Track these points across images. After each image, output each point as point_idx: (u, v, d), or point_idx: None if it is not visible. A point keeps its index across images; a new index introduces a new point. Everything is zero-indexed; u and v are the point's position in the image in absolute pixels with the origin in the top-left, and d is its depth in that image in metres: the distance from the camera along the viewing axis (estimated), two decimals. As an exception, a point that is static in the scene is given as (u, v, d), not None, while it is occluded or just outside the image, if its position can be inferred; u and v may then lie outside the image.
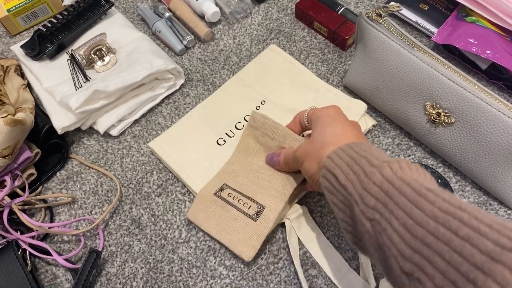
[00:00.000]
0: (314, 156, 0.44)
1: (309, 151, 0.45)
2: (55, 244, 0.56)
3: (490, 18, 0.63)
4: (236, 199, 0.52)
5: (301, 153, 0.47)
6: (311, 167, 0.45)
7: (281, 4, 0.76)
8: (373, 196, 0.34)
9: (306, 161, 0.45)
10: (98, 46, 0.66)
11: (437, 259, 0.27)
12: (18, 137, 0.54)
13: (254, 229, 0.50)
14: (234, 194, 0.53)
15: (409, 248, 0.29)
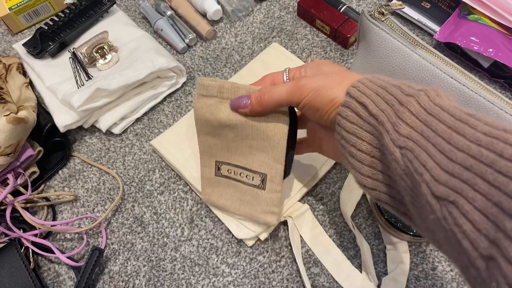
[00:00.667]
0: (335, 83, 0.38)
1: (325, 80, 0.39)
2: (57, 242, 0.56)
3: (492, 16, 0.63)
4: (237, 173, 0.49)
5: (311, 80, 0.40)
6: (330, 95, 0.38)
7: (283, 2, 0.76)
8: (407, 125, 0.31)
9: (322, 90, 0.39)
10: (100, 44, 0.66)
11: (478, 181, 0.26)
12: (21, 135, 0.54)
13: (266, 197, 0.49)
14: (233, 169, 0.50)
15: (445, 172, 0.27)
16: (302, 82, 0.40)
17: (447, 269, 0.51)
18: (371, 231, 0.54)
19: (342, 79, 0.38)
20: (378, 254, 0.52)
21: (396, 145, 0.31)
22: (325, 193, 0.57)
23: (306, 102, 0.39)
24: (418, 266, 0.51)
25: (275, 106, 0.42)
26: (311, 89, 0.39)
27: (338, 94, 0.37)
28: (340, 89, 0.37)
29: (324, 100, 0.38)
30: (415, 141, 0.30)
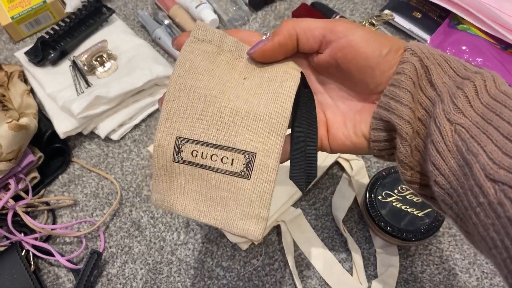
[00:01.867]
0: (380, 37, 0.31)
1: (370, 31, 0.32)
2: (57, 245, 0.58)
3: (480, 26, 0.65)
4: (208, 155, 0.33)
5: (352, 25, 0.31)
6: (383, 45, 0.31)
7: (278, 11, 0.78)
8: (468, 103, 0.28)
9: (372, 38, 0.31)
10: (99, 53, 0.68)
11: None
12: (22, 141, 0.56)
13: (251, 191, 0.32)
14: (201, 149, 0.33)
15: (508, 157, 0.25)
16: (340, 22, 0.31)
17: (435, 272, 0.52)
18: (362, 235, 0.56)
19: (392, 38, 0.32)
20: (368, 257, 0.54)
21: (448, 119, 0.28)
22: (318, 198, 0.58)
23: (351, 43, 0.31)
24: (407, 269, 0.53)
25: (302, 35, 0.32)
26: (359, 34, 0.31)
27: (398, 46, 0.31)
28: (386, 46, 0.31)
29: (377, 49, 0.31)
30: (473, 122, 0.27)
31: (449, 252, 0.54)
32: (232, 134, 0.32)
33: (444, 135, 0.28)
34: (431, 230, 0.49)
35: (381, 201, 0.52)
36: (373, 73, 0.31)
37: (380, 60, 0.31)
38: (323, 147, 0.36)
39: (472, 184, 0.26)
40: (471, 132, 0.26)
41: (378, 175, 0.53)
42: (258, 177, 0.32)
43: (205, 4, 0.75)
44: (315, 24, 0.32)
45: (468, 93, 0.28)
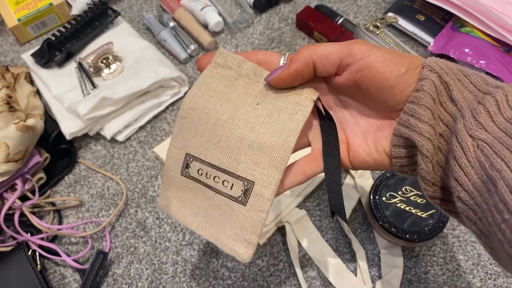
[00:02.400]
0: (397, 56, 0.31)
1: (386, 50, 0.32)
2: (63, 245, 0.58)
3: (483, 28, 0.65)
4: (211, 176, 0.35)
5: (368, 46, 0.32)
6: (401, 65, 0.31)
7: (282, 14, 0.78)
8: (491, 118, 0.27)
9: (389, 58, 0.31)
10: (105, 55, 0.68)
11: None
12: (29, 142, 0.57)
13: (245, 216, 0.34)
14: (206, 169, 0.35)
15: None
16: (357, 43, 0.32)
17: (439, 273, 0.53)
18: (366, 236, 0.56)
19: (408, 56, 0.32)
20: (372, 258, 0.54)
21: (470, 134, 0.27)
22: (322, 199, 0.59)
23: (366, 65, 0.31)
24: (411, 270, 0.53)
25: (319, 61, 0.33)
26: (371, 52, 0.31)
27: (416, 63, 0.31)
28: (404, 65, 0.31)
29: (395, 68, 0.31)
30: (496, 138, 0.26)
31: (453, 253, 0.54)
32: (235, 160, 0.34)
33: (466, 151, 0.27)
34: (435, 231, 0.50)
35: (385, 202, 0.52)
36: (392, 92, 0.31)
37: (399, 79, 0.31)
38: (345, 165, 0.36)
39: (497, 201, 0.25)
40: (494, 148, 0.26)
41: (382, 177, 0.53)
42: (253, 205, 0.34)
43: (210, 6, 0.75)
44: (332, 48, 0.32)
45: (489, 108, 0.27)
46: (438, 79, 0.30)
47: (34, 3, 0.76)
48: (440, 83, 0.30)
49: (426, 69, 0.30)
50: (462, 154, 0.27)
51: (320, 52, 0.32)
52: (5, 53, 0.77)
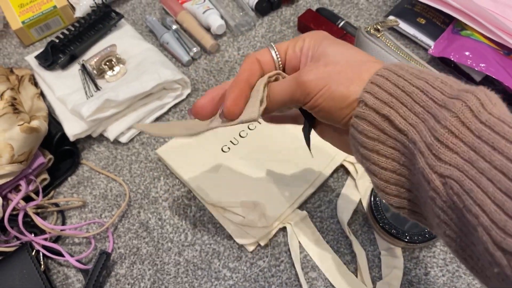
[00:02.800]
0: (352, 77, 0.30)
1: (337, 71, 0.31)
2: (66, 246, 0.59)
3: (484, 32, 0.66)
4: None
5: (318, 75, 0.31)
6: (344, 95, 0.30)
7: (284, 17, 0.79)
8: (449, 149, 0.25)
9: (335, 88, 0.30)
10: (108, 57, 0.69)
11: None
12: (33, 143, 0.57)
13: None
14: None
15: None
16: (305, 78, 0.31)
17: (439, 274, 0.53)
18: (366, 237, 0.56)
19: (359, 70, 0.31)
20: (373, 259, 0.55)
21: (435, 172, 0.25)
22: (323, 201, 0.59)
23: (315, 104, 0.31)
24: (411, 271, 0.54)
25: (277, 108, 0.34)
26: (320, 87, 0.31)
27: (357, 94, 0.30)
28: (358, 86, 0.30)
29: (338, 102, 0.30)
30: (463, 171, 0.24)
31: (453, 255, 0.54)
32: None
33: (438, 191, 0.25)
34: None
35: (386, 204, 0.52)
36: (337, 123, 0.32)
37: (343, 112, 0.31)
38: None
39: (483, 250, 0.23)
40: (464, 186, 0.24)
41: (383, 178, 0.54)
42: None
43: (212, 9, 0.76)
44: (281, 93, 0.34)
45: (444, 140, 0.25)
46: (375, 113, 0.29)
47: (38, 5, 0.77)
48: (378, 117, 0.28)
49: (361, 104, 0.29)
50: (436, 195, 0.25)
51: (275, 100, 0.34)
52: (9, 55, 0.78)
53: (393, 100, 0.28)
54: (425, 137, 0.26)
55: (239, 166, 0.61)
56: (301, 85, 0.31)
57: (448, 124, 0.25)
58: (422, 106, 0.27)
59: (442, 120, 0.25)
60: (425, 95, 0.27)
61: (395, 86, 0.28)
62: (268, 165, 0.60)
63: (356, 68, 0.31)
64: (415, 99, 0.27)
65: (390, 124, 0.28)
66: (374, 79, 0.29)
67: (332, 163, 0.60)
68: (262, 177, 0.60)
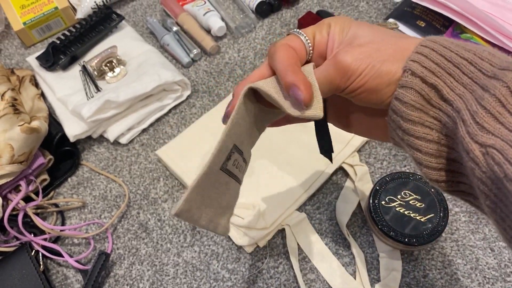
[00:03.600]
0: (393, 53, 0.29)
1: (376, 48, 0.30)
2: (66, 246, 0.59)
3: (483, 35, 0.66)
4: (238, 164, 0.35)
5: (357, 56, 0.30)
6: (392, 71, 0.29)
7: (284, 19, 0.79)
8: (494, 118, 0.24)
9: (379, 65, 0.29)
10: (109, 58, 0.69)
11: None
12: (33, 144, 0.58)
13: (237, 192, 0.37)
14: (239, 159, 0.35)
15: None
16: (344, 60, 0.29)
17: (437, 277, 0.53)
18: (365, 239, 0.56)
19: (398, 46, 0.29)
20: (371, 261, 0.55)
21: (475, 141, 0.24)
22: (322, 203, 0.59)
23: (358, 85, 0.30)
24: (409, 274, 0.54)
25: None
26: (363, 67, 0.29)
27: (398, 75, 0.29)
28: (403, 61, 0.29)
29: (386, 79, 0.29)
30: (506, 141, 0.23)
31: (451, 257, 0.54)
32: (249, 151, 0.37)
33: (477, 161, 0.24)
34: (434, 235, 0.50)
35: (385, 206, 0.53)
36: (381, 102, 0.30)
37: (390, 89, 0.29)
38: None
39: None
40: (506, 155, 0.23)
41: (382, 181, 0.54)
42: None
43: (212, 11, 0.76)
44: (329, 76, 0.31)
45: (491, 108, 0.24)
46: (422, 82, 0.28)
47: (40, 7, 0.77)
48: (425, 87, 0.28)
49: (407, 73, 0.28)
50: (474, 165, 0.25)
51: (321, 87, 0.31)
52: (11, 56, 0.78)
53: (440, 70, 0.27)
54: (471, 105, 0.25)
55: (239, 168, 0.61)
56: (341, 68, 0.30)
57: (497, 93, 0.24)
58: (471, 77, 0.26)
59: (491, 89, 0.25)
60: (473, 66, 0.26)
61: (442, 56, 0.27)
62: (267, 167, 0.61)
63: (394, 44, 0.30)
64: (463, 70, 0.26)
65: (437, 94, 0.27)
66: (420, 50, 0.28)
67: (331, 166, 0.60)
68: (261, 179, 0.60)
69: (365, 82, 0.29)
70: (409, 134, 0.29)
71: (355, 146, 0.61)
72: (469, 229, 0.56)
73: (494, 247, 0.54)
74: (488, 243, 0.55)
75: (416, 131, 0.28)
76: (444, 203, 0.52)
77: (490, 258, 0.54)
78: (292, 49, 0.32)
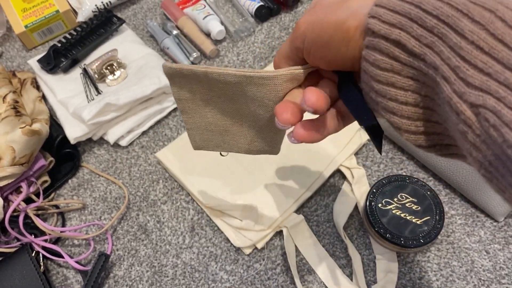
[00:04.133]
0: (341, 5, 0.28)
1: (326, 5, 0.29)
2: (66, 247, 0.60)
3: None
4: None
5: (308, 16, 0.30)
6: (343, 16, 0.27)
7: (283, 23, 0.80)
8: (480, 71, 0.20)
9: (325, 17, 0.28)
10: (109, 61, 0.70)
11: None
12: (35, 146, 0.58)
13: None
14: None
15: None
16: (298, 21, 0.30)
17: (433, 279, 0.54)
18: (362, 241, 0.57)
19: (354, 4, 0.27)
20: (368, 263, 0.55)
21: (464, 100, 0.21)
22: (319, 205, 0.60)
23: (308, 40, 0.29)
24: (405, 275, 0.54)
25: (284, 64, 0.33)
26: (309, 21, 0.29)
27: (349, 16, 0.27)
28: (353, 14, 0.27)
29: (333, 32, 0.27)
30: (499, 98, 0.19)
31: (447, 259, 0.55)
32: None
33: (469, 123, 0.21)
34: (430, 238, 0.51)
35: (381, 209, 0.53)
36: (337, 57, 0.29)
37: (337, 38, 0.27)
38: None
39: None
40: (502, 117, 0.19)
41: (379, 183, 0.55)
42: None
43: (212, 15, 0.77)
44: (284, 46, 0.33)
45: (472, 59, 0.20)
46: (386, 41, 0.24)
47: (41, 10, 0.78)
48: (389, 45, 0.24)
49: (369, 32, 0.25)
50: (467, 128, 0.21)
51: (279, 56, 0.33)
52: (12, 58, 0.79)
53: (402, 20, 0.24)
54: (448, 58, 0.22)
55: (237, 170, 0.62)
56: (295, 29, 0.30)
57: (475, 38, 0.20)
58: (436, 15, 0.22)
59: (467, 33, 0.21)
60: (440, 1, 0.22)
61: (402, 1, 0.24)
62: (266, 169, 0.61)
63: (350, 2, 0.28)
64: (426, 8, 0.22)
65: (403, 50, 0.24)
66: (378, 1, 0.25)
67: (329, 168, 0.61)
68: (259, 181, 0.60)
69: (312, 38, 0.29)
70: (382, 95, 0.26)
71: (353, 149, 0.62)
72: (465, 232, 0.56)
73: (489, 250, 0.55)
74: (484, 246, 0.55)
75: (388, 92, 0.26)
76: (440, 206, 0.53)
77: (485, 261, 0.54)
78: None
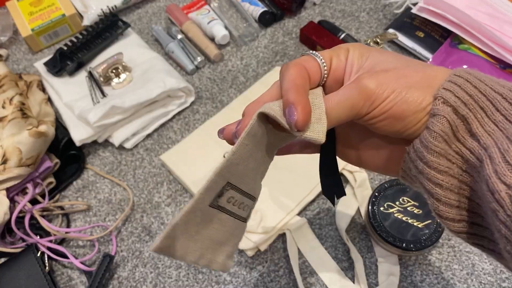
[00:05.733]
0: (418, 78, 0.28)
1: (403, 74, 0.28)
2: (71, 248, 0.60)
3: (480, 46, 0.68)
4: (238, 204, 0.34)
5: (382, 81, 0.28)
6: (419, 98, 0.27)
7: (286, 28, 0.81)
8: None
9: (407, 90, 0.27)
10: (115, 65, 0.71)
11: None
12: (41, 148, 0.59)
13: (241, 231, 0.36)
14: (238, 197, 0.33)
15: None
16: (370, 84, 0.27)
17: (434, 282, 0.54)
18: (364, 244, 0.58)
19: (426, 73, 0.28)
20: (370, 266, 0.56)
21: (502, 181, 0.23)
22: (322, 208, 0.61)
23: (383, 111, 0.28)
24: (407, 278, 0.55)
25: (334, 124, 0.29)
26: (388, 92, 0.27)
27: (425, 104, 0.27)
28: (431, 88, 0.27)
29: (413, 106, 0.27)
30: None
31: (448, 263, 0.55)
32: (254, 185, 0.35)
33: (502, 203, 0.23)
34: (431, 241, 0.51)
35: (383, 212, 0.54)
36: (407, 130, 0.28)
37: (418, 116, 0.27)
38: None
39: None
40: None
41: (381, 187, 0.55)
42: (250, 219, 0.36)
43: (216, 20, 0.78)
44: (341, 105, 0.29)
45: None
46: (453, 113, 0.26)
47: (47, 13, 0.79)
48: (456, 118, 0.26)
49: (438, 101, 0.26)
50: (499, 207, 0.23)
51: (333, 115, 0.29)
52: (18, 61, 0.80)
53: (472, 103, 0.25)
54: (501, 143, 0.23)
55: (241, 173, 0.62)
56: (365, 93, 0.27)
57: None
58: (504, 114, 0.24)
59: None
60: (508, 103, 0.25)
61: (476, 88, 0.25)
62: (269, 172, 0.62)
63: (421, 71, 0.28)
64: (496, 105, 0.25)
65: (465, 128, 0.26)
66: (453, 79, 0.26)
67: (331, 172, 0.61)
68: (262, 184, 0.61)
69: (389, 108, 0.27)
70: (431, 167, 0.27)
71: (355, 153, 0.63)
72: (466, 236, 0.57)
73: (490, 253, 0.56)
74: (484, 250, 0.56)
75: (440, 164, 0.27)
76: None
77: (486, 264, 0.55)
78: (305, 69, 0.29)
